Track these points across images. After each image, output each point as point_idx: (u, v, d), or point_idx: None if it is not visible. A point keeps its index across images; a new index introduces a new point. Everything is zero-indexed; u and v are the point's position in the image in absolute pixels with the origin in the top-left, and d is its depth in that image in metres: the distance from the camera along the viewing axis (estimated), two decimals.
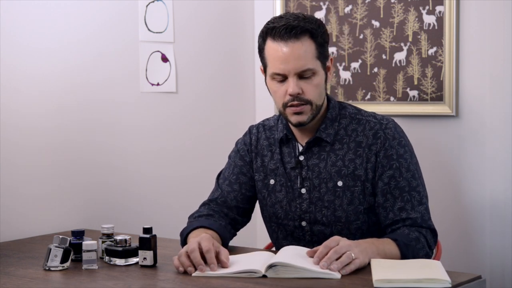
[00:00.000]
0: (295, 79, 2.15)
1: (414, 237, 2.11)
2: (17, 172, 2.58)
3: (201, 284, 1.86)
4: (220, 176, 2.40)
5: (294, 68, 2.14)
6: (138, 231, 2.10)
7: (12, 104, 2.56)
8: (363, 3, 3.08)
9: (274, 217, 2.30)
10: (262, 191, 2.32)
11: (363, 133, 2.22)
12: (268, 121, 2.40)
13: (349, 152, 2.21)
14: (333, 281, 1.85)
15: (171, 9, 3.05)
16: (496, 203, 2.80)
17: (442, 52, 2.90)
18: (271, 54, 2.17)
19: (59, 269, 2.04)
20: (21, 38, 2.58)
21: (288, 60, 2.14)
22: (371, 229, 2.21)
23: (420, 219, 2.15)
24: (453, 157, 2.90)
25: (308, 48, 2.15)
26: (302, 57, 2.14)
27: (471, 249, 2.86)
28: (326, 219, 2.20)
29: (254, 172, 2.34)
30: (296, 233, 2.26)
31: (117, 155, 2.88)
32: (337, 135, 2.24)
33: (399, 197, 2.17)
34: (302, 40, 2.15)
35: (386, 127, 2.22)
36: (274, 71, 2.17)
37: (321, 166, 2.23)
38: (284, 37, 2.14)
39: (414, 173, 2.19)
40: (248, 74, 3.39)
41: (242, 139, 2.42)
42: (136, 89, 2.95)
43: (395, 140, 2.20)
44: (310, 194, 2.23)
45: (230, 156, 2.41)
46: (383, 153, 2.19)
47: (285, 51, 2.14)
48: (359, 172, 2.20)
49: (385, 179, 2.18)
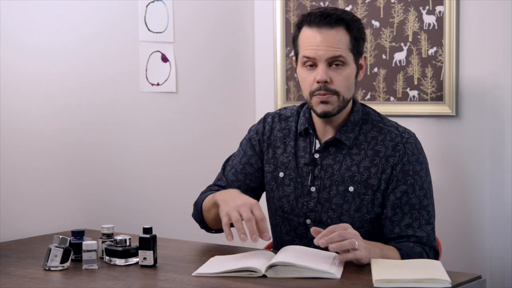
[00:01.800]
0: (324, 66, 2.15)
1: (417, 251, 2.12)
2: (16, 172, 2.58)
3: (201, 284, 1.86)
4: (228, 163, 2.39)
5: (325, 54, 2.14)
6: (138, 231, 2.10)
7: (11, 103, 2.56)
8: (363, 3, 3.08)
9: (280, 210, 2.29)
10: (270, 183, 2.31)
11: (383, 143, 2.21)
12: (285, 111, 2.38)
13: (365, 159, 2.20)
14: (333, 281, 1.85)
15: (171, 9, 3.05)
16: (496, 203, 2.80)
17: (442, 52, 2.90)
18: (304, 39, 2.18)
19: (59, 269, 2.04)
20: (21, 38, 2.58)
21: (320, 46, 2.14)
22: (373, 239, 2.20)
23: (426, 239, 2.15)
24: (453, 157, 2.90)
25: (342, 37, 2.15)
26: (334, 44, 2.14)
27: (471, 249, 2.86)
28: (331, 221, 2.20)
29: (265, 163, 2.33)
30: (300, 230, 2.25)
31: (117, 155, 2.88)
32: (357, 139, 2.23)
33: (408, 214, 2.16)
34: (337, 29, 2.15)
35: (407, 141, 2.21)
36: (305, 54, 2.16)
37: (335, 168, 2.22)
38: (319, 24, 2.15)
39: (426, 192, 2.19)
40: (248, 74, 3.39)
41: (255, 126, 2.40)
42: (136, 89, 2.95)
43: (413, 156, 2.20)
44: (319, 193, 2.22)
45: (242, 143, 2.40)
46: (400, 167, 2.18)
47: (318, 37, 2.14)
48: (373, 181, 2.19)
49: (397, 194, 2.17)
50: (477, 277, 1.91)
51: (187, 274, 1.95)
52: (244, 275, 1.90)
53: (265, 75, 3.37)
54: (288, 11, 3.28)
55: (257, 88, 3.40)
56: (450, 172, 2.91)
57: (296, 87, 3.27)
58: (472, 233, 2.87)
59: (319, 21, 2.14)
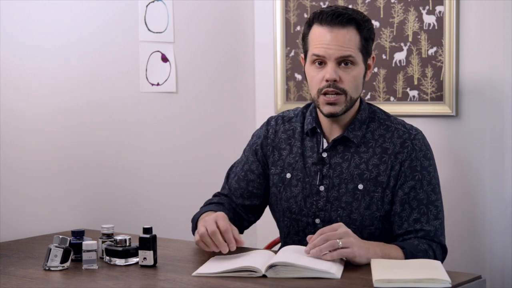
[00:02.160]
0: (334, 65, 2.15)
1: (422, 249, 2.11)
2: (16, 172, 2.58)
3: (201, 284, 1.86)
4: (232, 170, 2.41)
5: (335, 53, 2.14)
6: (138, 231, 2.10)
7: (11, 103, 2.56)
8: (363, 3, 3.07)
9: (288, 211, 2.29)
10: (278, 185, 2.31)
11: (391, 140, 2.22)
12: (288, 113, 2.38)
13: (374, 157, 2.21)
14: (333, 281, 1.85)
15: (171, 9, 3.05)
16: (496, 203, 2.80)
17: (442, 52, 2.90)
18: (314, 37, 2.18)
19: (59, 269, 2.04)
20: (21, 38, 2.58)
21: (330, 45, 2.14)
22: (383, 236, 2.20)
23: (433, 233, 2.15)
24: (453, 157, 2.90)
25: (353, 37, 2.16)
26: (345, 44, 2.14)
27: (471, 249, 2.86)
28: (340, 219, 2.20)
29: (271, 166, 2.33)
30: (308, 230, 2.25)
31: (117, 155, 2.88)
32: (364, 137, 2.23)
33: (416, 209, 2.17)
34: (348, 28, 2.15)
35: (414, 138, 2.22)
36: (314, 52, 2.17)
37: (344, 166, 2.22)
38: (330, 23, 2.15)
39: (435, 187, 2.20)
40: (248, 74, 3.39)
41: (258, 131, 2.41)
42: (136, 89, 2.95)
43: (421, 152, 2.20)
44: (328, 192, 2.22)
45: (245, 150, 2.41)
46: (408, 163, 2.19)
47: (329, 36, 2.15)
48: (382, 179, 2.19)
49: (405, 189, 2.18)
50: (477, 277, 1.91)
51: (187, 274, 1.95)
52: (244, 275, 1.90)
53: (265, 75, 3.37)
54: (288, 11, 3.28)
55: (257, 88, 3.40)
56: (450, 172, 2.91)
57: (296, 87, 3.27)
58: (472, 233, 2.87)
59: (330, 20, 2.15)
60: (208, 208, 2.31)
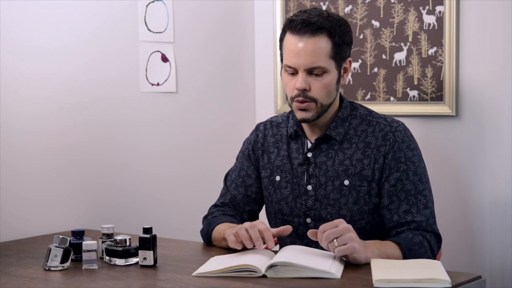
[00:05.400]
0: (304, 75, 2.17)
1: (417, 241, 2.11)
2: (16, 172, 2.58)
3: (201, 284, 1.86)
4: (228, 178, 2.42)
5: (304, 64, 2.16)
6: (138, 231, 2.10)
7: (11, 104, 2.56)
8: (363, 3, 3.08)
9: (280, 213, 2.30)
10: (268, 188, 2.33)
11: (373, 134, 2.23)
12: (276, 118, 2.41)
13: (357, 152, 2.22)
14: (333, 281, 1.85)
15: (171, 9, 3.05)
16: (496, 203, 2.80)
17: (442, 52, 2.90)
18: (287, 46, 2.20)
19: (59, 269, 2.04)
20: (21, 38, 2.58)
21: (299, 55, 2.16)
22: (375, 230, 2.21)
23: (425, 223, 2.15)
24: (453, 157, 2.90)
25: (323, 45, 2.16)
26: (314, 53, 2.15)
27: (471, 249, 2.86)
28: (330, 217, 2.21)
29: (261, 169, 2.35)
30: (301, 230, 2.26)
31: (117, 155, 2.88)
32: (347, 134, 2.25)
33: (404, 200, 2.17)
34: (318, 37, 2.16)
35: (396, 129, 2.23)
36: (286, 63, 2.20)
37: (329, 164, 2.24)
38: (300, 32, 2.16)
39: (421, 177, 2.20)
40: (248, 74, 3.39)
41: (248, 138, 2.44)
42: (136, 89, 2.95)
43: (404, 143, 2.21)
44: (316, 191, 2.24)
45: (238, 157, 2.43)
46: (392, 155, 2.20)
47: (299, 45, 2.16)
48: (366, 172, 2.20)
49: (391, 181, 2.19)
50: (477, 277, 1.91)
51: (187, 274, 1.95)
52: (244, 275, 1.90)
53: (265, 75, 3.37)
54: (288, 11, 3.28)
55: (257, 88, 3.40)
56: (450, 172, 2.91)
57: None
58: (472, 233, 2.87)
59: (300, 28, 2.16)
60: (222, 219, 2.29)
